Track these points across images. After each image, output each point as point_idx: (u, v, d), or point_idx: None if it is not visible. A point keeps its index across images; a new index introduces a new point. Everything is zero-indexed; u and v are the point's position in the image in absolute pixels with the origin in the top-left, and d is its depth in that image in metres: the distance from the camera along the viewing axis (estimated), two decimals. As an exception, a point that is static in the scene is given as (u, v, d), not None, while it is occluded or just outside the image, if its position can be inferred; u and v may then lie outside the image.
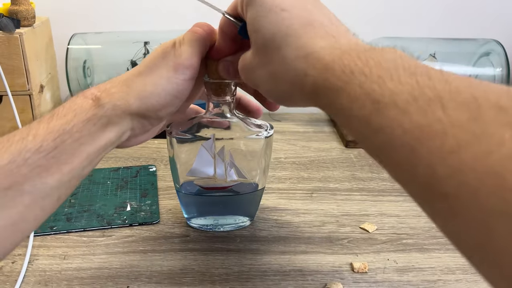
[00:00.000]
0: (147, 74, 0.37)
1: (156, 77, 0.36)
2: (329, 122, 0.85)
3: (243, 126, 0.45)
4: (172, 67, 0.37)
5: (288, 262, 0.43)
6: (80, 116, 0.33)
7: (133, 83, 0.36)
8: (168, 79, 0.36)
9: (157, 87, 0.36)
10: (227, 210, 0.48)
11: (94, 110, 0.34)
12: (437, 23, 0.88)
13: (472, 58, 0.76)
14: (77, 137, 0.32)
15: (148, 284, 0.40)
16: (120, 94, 0.35)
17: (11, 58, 0.64)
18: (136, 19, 0.86)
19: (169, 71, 0.36)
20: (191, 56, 0.37)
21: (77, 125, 0.33)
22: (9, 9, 0.66)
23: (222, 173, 0.45)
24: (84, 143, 0.33)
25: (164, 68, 0.37)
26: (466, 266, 0.43)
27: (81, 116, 0.33)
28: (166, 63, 0.37)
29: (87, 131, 0.33)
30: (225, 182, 0.46)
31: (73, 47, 0.75)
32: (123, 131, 0.36)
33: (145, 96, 0.36)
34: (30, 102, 0.67)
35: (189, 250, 0.45)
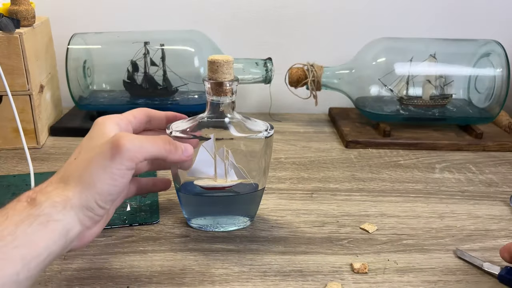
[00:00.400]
0: (84, 164, 0.35)
1: (92, 167, 0.35)
2: (329, 123, 0.85)
3: (243, 126, 0.45)
4: (109, 156, 0.35)
5: (288, 263, 0.43)
6: (13, 218, 0.31)
7: (70, 176, 0.35)
8: (104, 169, 0.35)
9: (93, 177, 0.34)
10: (227, 210, 0.48)
11: (30, 210, 0.31)
12: (437, 23, 0.88)
13: (472, 59, 0.76)
14: (9, 240, 0.29)
15: (148, 284, 0.40)
16: (57, 191, 0.34)
17: (11, 58, 0.64)
18: (136, 19, 0.86)
19: (106, 160, 0.35)
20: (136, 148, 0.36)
21: (8, 228, 0.30)
22: (9, 9, 0.66)
23: (222, 173, 0.45)
24: (18, 246, 0.29)
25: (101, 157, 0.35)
26: (467, 267, 0.43)
27: (14, 218, 0.31)
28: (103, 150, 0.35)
29: (22, 232, 0.30)
30: (225, 182, 0.45)
31: (73, 47, 0.75)
32: (68, 228, 0.33)
33: (84, 188, 0.34)
34: (30, 102, 0.67)
35: (189, 250, 0.45)
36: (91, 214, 0.35)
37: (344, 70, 0.78)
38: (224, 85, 0.43)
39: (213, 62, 0.43)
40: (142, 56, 0.74)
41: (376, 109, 0.77)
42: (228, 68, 0.43)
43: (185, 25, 0.84)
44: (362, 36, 0.80)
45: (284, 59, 0.83)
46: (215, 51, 0.76)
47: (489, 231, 0.50)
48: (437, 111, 0.76)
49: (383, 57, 0.75)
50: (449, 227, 0.50)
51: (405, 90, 0.75)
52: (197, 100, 0.77)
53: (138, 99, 0.78)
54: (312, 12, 0.87)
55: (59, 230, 0.32)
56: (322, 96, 0.81)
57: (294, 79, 0.78)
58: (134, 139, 0.36)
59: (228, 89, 0.43)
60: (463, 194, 0.58)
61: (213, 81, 0.43)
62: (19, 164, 0.63)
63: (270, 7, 0.86)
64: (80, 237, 0.35)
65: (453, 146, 0.72)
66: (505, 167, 0.67)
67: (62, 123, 0.77)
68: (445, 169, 0.65)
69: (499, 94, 0.73)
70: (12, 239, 0.29)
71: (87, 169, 0.35)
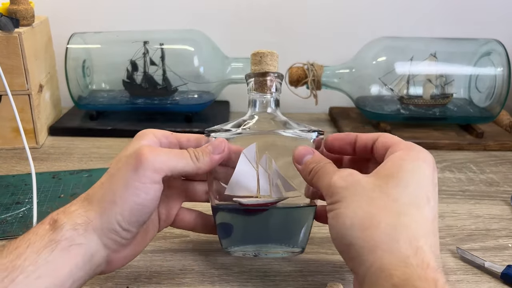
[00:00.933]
0: (108, 181, 0.33)
1: (114, 183, 0.32)
2: (330, 122, 0.85)
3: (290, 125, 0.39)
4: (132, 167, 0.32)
5: (289, 263, 0.43)
6: (34, 246, 0.29)
7: (94, 195, 0.32)
8: (126, 183, 0.32)
9: (114, 195, 0.31)
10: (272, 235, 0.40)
11: (51, 236, 0.30)
12: (437, 22, 0.88)
13: (473, 58, 0.75)
14: (30, 271, 0.28)
15: (148, 284, 0.40)
16: (79, 211, 0.32)
17: (10, 58, 0.64)
18: (136, 19, 0.86)
19: (128, 171, 0.32)
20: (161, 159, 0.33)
21: (30, 258, 0.28)
22: (8, 8, 0.66)
23: (267, 187, 0.37)
24: (41, 276, 0.28)
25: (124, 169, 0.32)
26: (467, 267, 0.43)
27: (36, 245, 0.29)
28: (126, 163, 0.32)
29: (43, 261, 0.28)
30: (270, 198, 0.38)
31: (72, 47, 0.75)
32: (92, 252, 0.31)
33: (105, 208, 0.32)
34: (29, 102, 0.67)
35: (189, 250, 0.45)
36: (115, 237, 0.32)
37: (344, 69, 0.78)
38: (269, 76, 0.39)
39: (256, 54, 0.39)
40: (141, 55, 0.74)
41: (377, 108, 0.77)
42: (272, 60, 0.39)
43: (185, 25, 0.83)
44: (362, 36, 0.80)
45: (284, 59, 0.82)
46: (214, 51, 0.76)
47: (490, 231, 0.50)
48: (437, 111, 0.76)
49: (383, 57, 0.75)
50: (450, 226, 0.50)
51: (406, 89, 0.75)
52: (196, 100, 0.77)
53: (137, 99, 0.77)
54: (312, 11, 0.87)
55: (81, 255, 0.30)
56: (322, 95, 0.81)
57: (294, 78, 0.78)
58: (159, 150, 0.34)
59: (271, 83, 0.39)
60: (464, 194, 0.58)
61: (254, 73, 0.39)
62: (18, 164, 0.63)
63: (270, 6, 0.86)
64: (108, 261, 0.33)
65: (454, 146, 0.72)
66: (506, 166, 0.66)
67: (61, 123, 0.77)
68: (446, 169, 0.65)
69: (500, 93, 0.72)
70: (33, 270, 0.28)
71: (109, 186, 0.32)
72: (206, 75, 0.75)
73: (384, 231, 0.28)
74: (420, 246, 0.28)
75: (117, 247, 0.33)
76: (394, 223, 0.29)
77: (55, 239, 0.30)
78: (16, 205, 0.52)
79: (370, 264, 0.28)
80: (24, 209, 0.51)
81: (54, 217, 0.31)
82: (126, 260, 0.36)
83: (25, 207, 0.51)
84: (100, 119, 0.78)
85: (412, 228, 0.29)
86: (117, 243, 0.33)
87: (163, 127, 0.43)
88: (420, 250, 0.28)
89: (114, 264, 0.34)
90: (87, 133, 0.74)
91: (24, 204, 0.52)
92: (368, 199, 0.30)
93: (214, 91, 0.77)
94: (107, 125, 0.75)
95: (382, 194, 0.30)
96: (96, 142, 0.71)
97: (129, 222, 0.32)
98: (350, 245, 0.29)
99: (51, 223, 0.31)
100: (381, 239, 0.28)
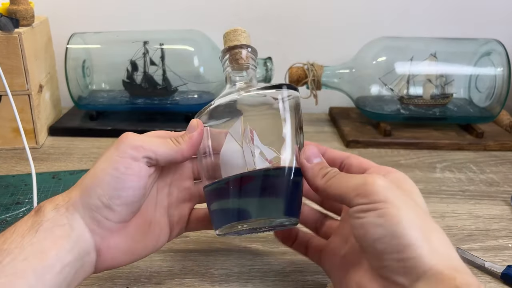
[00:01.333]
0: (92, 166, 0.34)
1: (97, 163, 0.33)
2: (330, 122, 0.85)
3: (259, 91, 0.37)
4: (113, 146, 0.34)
5: (289, 263, 0.43)
6: (19, 230, 0.29)
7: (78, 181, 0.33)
8: (106, 159, 0.33)
9: (95, 171, 0.33)
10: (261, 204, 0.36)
11: (34, 218, 0.30)
12: (437, 22, 0.88)
13: (473, 58, 0.75)
14: (17, 253, 0.28)
15: (148, 284, 0.40)
16: (63, 195, 0.33)
17: (10, 58, 0.64)
18: (136, 19, 0.86)
19: (109, 150, 0.33)
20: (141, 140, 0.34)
21: (15, 241, 0.28)
22: (8, 8, 0.65)
23: (251, 160, 0.36)
24: (27, 258, 0.28)
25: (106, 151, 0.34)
26: (468, 267, 0.43)
27: (20, 229, 0.29)
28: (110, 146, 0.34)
29: (28, 242, 0.29)
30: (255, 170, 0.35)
31: (72, 47, 0.75)
32: (77, 234, 0.31)
33: (86, 184, 0.32)
34: (29, 102, 0.67)
35: (189, 250, 0.45)
36: (97, 216, 0.32)
37: (344, 69, 0.78)
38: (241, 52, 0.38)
39: (228, 33, 0.39)
40: (141, 55, 0.74)
41: (377, 108, 0.77)
42: (245, 37, 0.39)
43: (185, 25, 0.83)
44: (362, 36, 0.80)
45: (284, 59, 0.82)
46: (214, 51, 0.76)
47: (490, 231, 0.50)
48: (437, 111, 0.76)
49: (383, 57, 0.75)
50: (450, 226, 0.50)
51: (406, 89, 0.75)
52: (196, 100, 0.77)
53: (137, 99, 0.77)
54: (312, 11, 0.87)
55: (66, 237, 0.30)
56: (322, 95, 0.81)
57: (294, 78, 0.78)
58: (141, 135, 0.35)
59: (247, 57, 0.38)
60: (464, 194, 0.58)
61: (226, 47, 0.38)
62: (18, 164, 0.63)
63: (270, 6, 0.86)
64: (97, 249, 0.32)
65: (454, 146, 0.72)
66: (506, 166, 0.66)
67: (61, 123, 0.77)
68: (446, 169, 0.65)
69: (500, 93, 0.72)
70: (19, 252, 0.28)
71: (93, 167, 0.33)
72: (206, 75, 0.75)
73: (437, 237, 0.29)
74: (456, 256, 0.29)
75: (102, 231, 0.32)
76: (441, 232, 0.30)
77: (37, 221, 0.30)
78: (16, 205, 0.52)
79: (430, 266, 0.28)
80: (24, 209, 0.51)
81: (40, 205, 0.32)
82: (119, 253, 0.34)
83: (25, 207, 0.51)
84: (100, 119, 0.78)
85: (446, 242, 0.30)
86: (101, 225, 0.32)
87: (163, 127, 0.43)
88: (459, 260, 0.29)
89: (104, 254, 0.33)
90: (87, 133, 0.74)
91: (24, 204, 0.52)
92: (410, 203, 0.30)
93: (214, 91, 0.77)
94: (107, 125, 0.75)
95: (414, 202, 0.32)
96: (96, 142, 0.71)
97: (109, 196, 0.32)
98: (408, 245, 0.28)
99: (36, 209, 0.31)
100: (437, 244, 0.29)
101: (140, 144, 0.34)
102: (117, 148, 0.33)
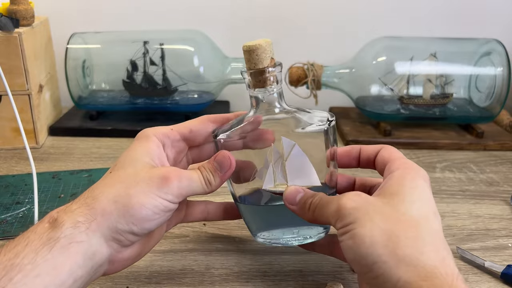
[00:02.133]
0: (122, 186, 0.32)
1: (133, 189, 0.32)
2: (329, 122, 0.85)
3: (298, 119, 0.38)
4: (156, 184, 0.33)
5: (289, 263, 0.43)
6: (33, 244, 0.28)
7: (102, 194, 0.32)
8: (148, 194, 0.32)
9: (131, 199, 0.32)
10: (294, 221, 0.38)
11: (50, 234, 0.29)
12: (437, 22, 0.88)
13: (473, 58, 0.75)
14: (29, 269, 0.27)
15: (148, 284, 0.40)
16: (82, 209, 0.31)
17: (10, 58, 0.64)
18: (136, 19, 0.86)
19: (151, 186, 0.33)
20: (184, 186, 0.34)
21: (28, 256, 0.28)
22: (8, 8, 0.66)
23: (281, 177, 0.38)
24: (40, 275, 0.27)
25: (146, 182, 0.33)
26: (467, 267, 0.43)
27: (34, 244, 0.28)
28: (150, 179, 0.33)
29: (42, 259, 0.28)
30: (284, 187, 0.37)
31: (72, 47, 0.75)
32: (94, 250, 0.30)
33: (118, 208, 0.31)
34: (29, 102, 0.67)
35: (189, 250, 0.45)
36: (121, 238, 0.32)
37: (344, 69, 0.78)
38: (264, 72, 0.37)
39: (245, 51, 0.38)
40: (141, 55, 0.74)
41: (377, 108, 0.77)
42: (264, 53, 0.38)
43: (185, 25, 0.83)
44: (362, 35, 0.80)
45: (284, 59, 0.82)
46: (214, 51, 0.76)
47: (490, 231, 0.50)
48: (437, 110, 0.76)
49: (383, 56, 0.75)
50: (450, 226, 0.50)
51: (406, 89, 0.75)
52: (196, 100, 0.77)
53: (137, 99, 0.77)
54: (312, 11, 0.87)
55: (82, 253, 0.30)
56: (322, 95, 0.81)
57: (294, 78, 0.78)
58: (183, 177, 0.34)
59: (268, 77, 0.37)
60: (464, 194, 0.58)
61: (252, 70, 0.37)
62: (18, 164, 0.63)
63: (270, 6, 0.86)
64: (111, 260, 0.33)
65: (454, 146, 0.72)
66: (506, 166, 0.66)
67: (61, 123, 0.77)
68: (446, 168, 0.65)
69: (500, 93, 0.72)
70: (32, 268, 0.27)
71: (125, 190, 0.32)
72: (206, 75, 0.75)
73: (406, 244, 0.29)
74: (445, 255, 0.29)
75: (121, 248, 0.33)
76: (414, 236, 0.29)
77: (54, 237, 0.29)
78: (16, 205, 0.52)
79: (397, 279, 0.28)
80: (24, 209, 0.51)
81: (54, 216, 0.31)
82: (130, 261, 0.35)
83: (25, 207, 0.51)
84: (100, 119, 0.78)
85: (432, 238, 0.30)
86: (121, 244, 0.32)
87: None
88: (446, 259, 0.29)
89: (116, 265, 0.34)
90: (87, 133, 0.74)
91: (24, 204, 0.52)
92: (381, 215, 0.30)
93: (214, 91, 0.77)
94: (107, 125, 0.75)
95: (393, 209, 0.31)
96: (96, 142, 0.71)
97: (141, 228, 0.32)
98: (373, 263, 0.29)
99: (50, 221, 0.30)
100: (404, 253, 0.28)
101: (181, 192, 0.34)
102: (160, 189, 0.33)
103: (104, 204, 0.31)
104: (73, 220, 0.30)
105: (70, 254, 0.29)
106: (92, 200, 0.32)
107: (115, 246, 0.32)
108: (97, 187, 0.33)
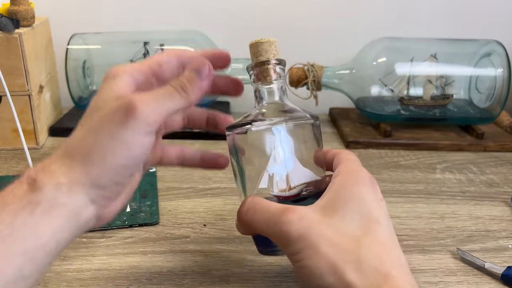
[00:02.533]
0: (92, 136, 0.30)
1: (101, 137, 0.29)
2: (330, 123, 0.85)
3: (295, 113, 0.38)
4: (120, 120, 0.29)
5: (289, 263, 0.43)
6: (11, 207, 0.27)
7: (76, 151, 0.30)
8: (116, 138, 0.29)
9: (103, 150, 0.29)
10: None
11: (30, 196, 0.27)
12: (437, 23, 0.88)
13: (473, 59, 0.76)
14: (6, 234, 0.26)
15: (148, 285, 0.40)
16: (62, 169, 0.29)
17: (10, 59, 0.64)
18: (136, 19, 0.86)
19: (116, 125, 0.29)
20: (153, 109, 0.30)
21: (5, 220, 0.26)
22: (8, 9, 0.65)
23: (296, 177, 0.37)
24: (17, 240, 0.26)
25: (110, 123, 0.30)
26: (468, 268, 0.43)
27: (12, 207, 0.27)
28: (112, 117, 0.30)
29: (21, 223, 0.26)
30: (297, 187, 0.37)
31: (72, 47, 0.75)
32: (78, 211, 0.29)
33: (93, 163, 0.29)
34: (30, 103, 0.67)
35: (189, 251, 0.45)
36: (104, 193, 0.30)
37: (344, 70, 0.78)
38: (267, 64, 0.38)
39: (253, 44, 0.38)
40: (141, 56, 0.74)
41: (377, 109, 0.77)
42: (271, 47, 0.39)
43: (185, 25, 0.83)
44: (362, 36, 0.80)
45: (284, 59, 0.82)
46: (215, 51, 0.76)
47: (490, 232, 0.50)
48: (438, 111, 0.76)
49: (383, 57, 0.75)
50: (450, 227, 0.50)
51: (406, 90, 0.75)
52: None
53: (138, 99, 0.77)
54: (312, 12, 0.87)
55: (65, 215, 0.28)
56: (323, 96, 0.81)
57: (294, 79, 0.78)
58: (148, 99, 0.30)
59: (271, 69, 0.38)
60: (464, 195, 0.58)
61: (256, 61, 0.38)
62: (18, 165, 0.63)
63: (270, 6, 0.86)
64: (97, 216, 0.31)
65: (454, 147, 0.72)
66: (506, 167, 0.66)
67: (61, 124, 0.77)
68: (446, 170, 0.65)
69: (500, 94, 0.72)
70: (9, 233, 0.26)
71: (95, 141, 0.29)
72: (206, 76, 0.75)
73: (351, 268, 0.29)
74: (388, 271, 0.29)
75: (106, 202, 0.31)
76: (356, 258, 0.30)
77: (34, 200, 0.27)
78: (16, 205, 0.52)
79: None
80: (25, 210, 0.51)
81: (33, 176, 0.29)
82: (116, 211, 0.33)
83: (26, 207, 0.51)
84: (100, 119, 0.78)
85: (373, 256, 0.30)
86: (106, 198, 0.31)
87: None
88: (389, 276, 0.29)
89: (103, 219, 0.32)
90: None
91: (25, 205, 0.52)
92: (325, 241, 0.30)
93: (214, 92, 0.77)
94: (107, 126, 0.75)
95: (335, 231, 0.31)
96: (96, 143, 0.71)
97: (122, 176, 0.30)
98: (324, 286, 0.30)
99: (29, 182, 0.28)
100: (351, 277, 0.29)
101: (153, 119, 0.30)
102: (126, 126, 0.29)
103: (80, 162, 0.29)
104: (54, 181, 0.28)
105: (52, 217, 0.27)
106: (70, 160, 0.30)
107: (102, 202, 0.30)
108: (70, 144, 0.31)
